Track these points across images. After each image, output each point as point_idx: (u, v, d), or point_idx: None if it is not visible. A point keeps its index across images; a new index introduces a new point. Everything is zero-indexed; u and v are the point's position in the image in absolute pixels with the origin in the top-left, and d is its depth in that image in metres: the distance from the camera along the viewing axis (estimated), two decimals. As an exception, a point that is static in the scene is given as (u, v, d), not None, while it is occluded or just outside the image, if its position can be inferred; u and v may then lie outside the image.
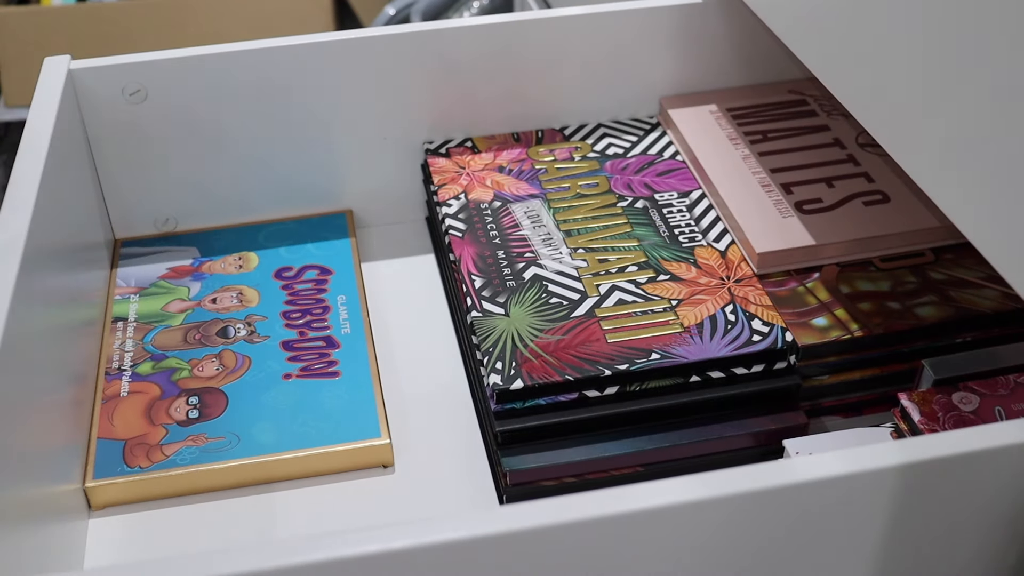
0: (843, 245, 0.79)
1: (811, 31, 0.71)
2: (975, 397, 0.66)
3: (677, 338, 0.72)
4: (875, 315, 0.75)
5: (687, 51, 0.96)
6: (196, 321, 0.83)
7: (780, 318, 0.74)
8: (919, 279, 0.78)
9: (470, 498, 0.71)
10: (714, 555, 0.52)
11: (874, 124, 0.64)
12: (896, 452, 0.50)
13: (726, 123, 0.93)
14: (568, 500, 0.49)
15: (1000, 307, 0.75)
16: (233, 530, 0.70)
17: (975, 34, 0.53)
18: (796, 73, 0.98)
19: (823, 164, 0.87)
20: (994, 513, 0.54)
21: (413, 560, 0.47)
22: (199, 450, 0.73)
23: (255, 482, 0.72)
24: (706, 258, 0.79)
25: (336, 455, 0.73)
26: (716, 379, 0.72)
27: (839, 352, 0.74)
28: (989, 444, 0.51)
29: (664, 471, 0.68)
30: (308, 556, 0.46)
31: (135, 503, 0.72)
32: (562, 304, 0.75)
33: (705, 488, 0.49)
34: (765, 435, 0.71)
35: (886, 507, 0.51)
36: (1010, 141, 0.51)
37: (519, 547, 0.48)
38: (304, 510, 0.71)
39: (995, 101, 0.52)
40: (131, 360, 0.79)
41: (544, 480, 0.70)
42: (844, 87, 0.67)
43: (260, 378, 0.78)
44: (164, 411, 0.75)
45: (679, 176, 0.88)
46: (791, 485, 0.49)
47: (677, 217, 0.83)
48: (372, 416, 0.75)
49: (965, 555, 0.55)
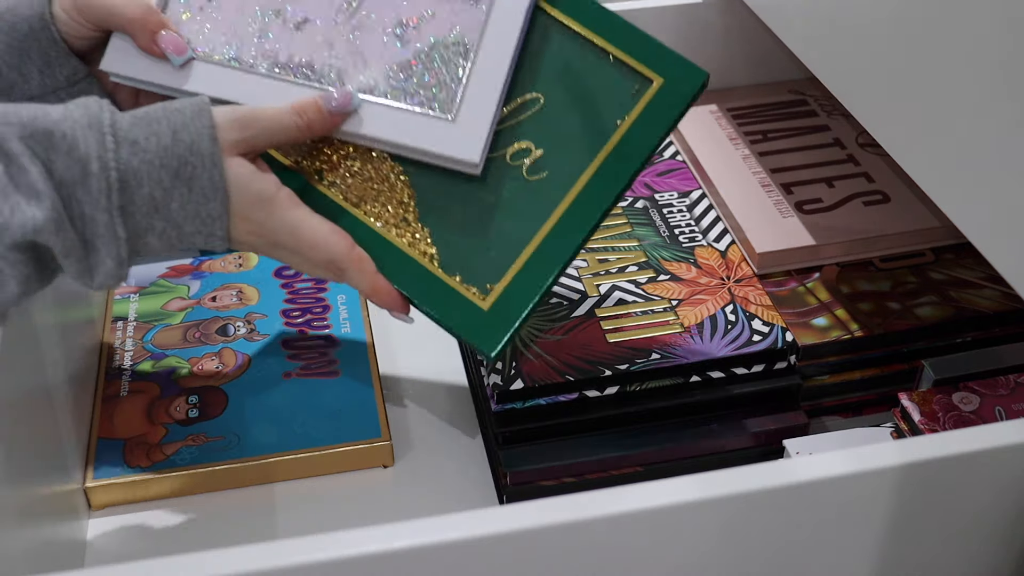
0: (843, 245, 0.79)
1: (811, 31, 0.71)
2: (975, 397, 0.66)
3: (677, 338, 0.72)
4: (875, 315, 0.75)
5: (687, 51, 0.95)
6: (196, 319, 0.83)
7: (780, 318, 0.74)
8: (919, 279, 0.78)
9: (470, 498, 0.71)
10: (714, 555, 0.52)
11: (874, 124, 0.64)
12: (896, 452, 0.50)
13: (726, 123, 0.93)
14: (568, 500, 0.49)
15: (1000, 307, 0.75)
16: (233, 530, 0.70)
17: (975, 35, 0.53)
18: (796, 73, 0.98)
19: (823, 164, 0.87)
20: (994, 513, 0.54)
21: (413, 560, 0.47)
22: (199, 450, 0.73)
23: (255, 482, 0.72)
24: (706, 258, 0.79)
25: (336, 455, 0.73)
26: (716, 379, 0.72)
27: (839, 352, 0.74)
28: (989, 444, 0.51)
29: (664, 471, 0.68)
30: (308, 556, 0.46)
31: (135, 503, 0.72)
32: (562, 304, 0.75)
33: (705, 488, 0.49)
34: (765, 435, 0.71)
35: (886, 507, 0.51)
36: (1010, 141, 0.51)
37: (519, 547, 0.48)
38: (304, 510, 0.71)
39: (995, 102, 0.52)
40: (131, 359, 0.79)
41: (544, 480, 0.70)
42: (844, 87, 0.67)
43: (260, 377, 0.78)
44: (164, 410, 0.75)
45: (679, 176, 0.88)
46: (791, 485, 0.49)
47: (677, 217, 0.83)
48: (372, 416, 0.75)
49: (965, 555, 0.55)
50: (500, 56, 0.64)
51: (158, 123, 0.56)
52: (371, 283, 0.63)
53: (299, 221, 0.60)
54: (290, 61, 0.64)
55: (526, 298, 0.63)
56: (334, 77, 0.64)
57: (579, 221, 0.63)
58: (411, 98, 0.64)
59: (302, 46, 0.65)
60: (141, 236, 0.56)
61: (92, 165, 0.53)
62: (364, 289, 0.63)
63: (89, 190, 0.53)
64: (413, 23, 0.65)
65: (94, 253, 0.54)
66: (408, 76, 0.64)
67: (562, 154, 0.64)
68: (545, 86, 0.66)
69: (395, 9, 0.65)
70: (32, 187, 0.52)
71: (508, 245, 0.64)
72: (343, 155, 0.65)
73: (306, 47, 0.65)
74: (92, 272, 0.55)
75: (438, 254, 0.64)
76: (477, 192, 0.65)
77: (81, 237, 0.54)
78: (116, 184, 0.54)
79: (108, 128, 0.54)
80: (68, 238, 0.53)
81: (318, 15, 0.65)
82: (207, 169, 0.56)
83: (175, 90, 0.64)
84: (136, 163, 0.54)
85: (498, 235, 0.64)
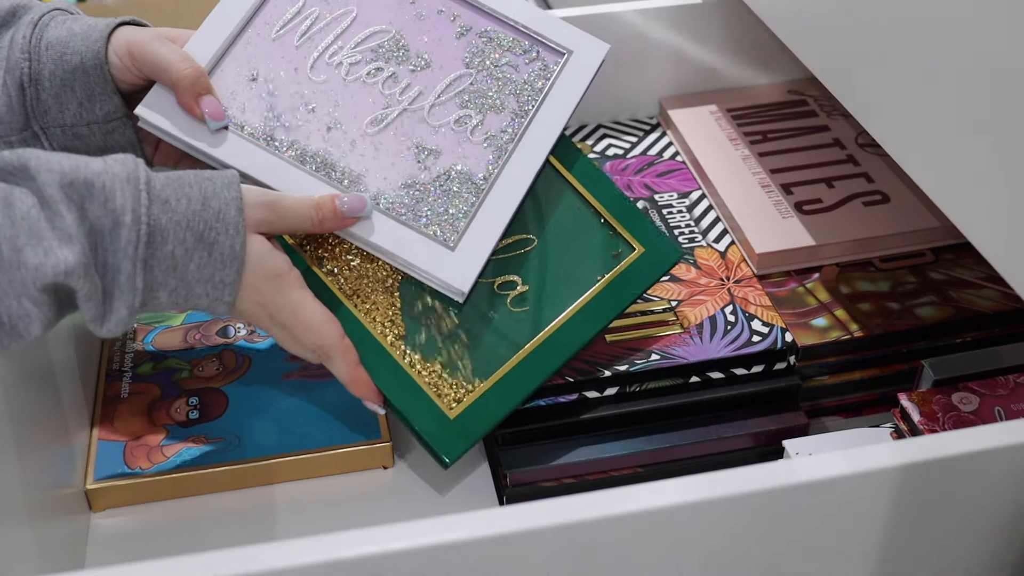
0: (843, 245, 0.79)
1: (811, 31, 0.71)
2: (975, 397, 0.66)
3: (677, 339, 0.72)
4: (875, 315, 0.75)
5: (687, 51, 0.96)
6: (196, 321, 0.83)
7: (780, 318, 0.74)
8: (919, 279, 0.78)
9: (470, 499, 0.71)
10: (714, 555, 0.52)
11: (874, 124, 0.64)
12: (896, 452, 0.50)
13: (726, 123, 0.93)
14: (568, 501, 0.49)
15: (1000, 307, 0.75)
16: (233, 531, 0.70)
17: (974, 34, 0.53)
18: (796, 73, 0.98)
19: (823, 164, 0.87)
20: (994, 513, 0.54)
21: (413, 561, 0.47)
22: (199, 451, 0.73)
23: (255, 484, 0.72)
24: (706, 259, 0.79)
25: (337, 456, 0.73)
26: (716, 379, 0.72)
27: (839, 352, 0.74)
28: (989, 444, 0.51)
29: (664, 471, 0.68)
30: (308, 557, 0.46)
31: (136, 504, 0.72)
32: (562, 305, 0.75)
33: (705, 489, 0.49)
34: (765, 435, 0.71)
35: (886, 507, 0.51)
36: (1010, 141, 0.51)
37: (519, 547, 0.48)
38: (304, 511, 0.71)
39: (995, 101, 0.52)
40: (132, 361, 0.79)
41: (544, 481, 0.70)
42: (844, 87, 0.67)
43: (260, 378, 0.78)
44: (165, 412, 0.75)
45: (679, 177, 0.88)
46: (791, 485, 0.49)
47: (677, 218, 0.83)
48: (372, 417, 0.75)
49: (965, 555, 0.55)
50: (508, 200, 0.69)
51: (190, 187, 0.58)
52: (353, 374, 0.65)
53: (301, 302, 0.63)
54: (315, 155, 0.68)
55: (491, 416, 0.66)
56: (350, 181, 0.67)
57: (548, 359, 0.68)
58: (419, 219, 0.67)
59: (329, 144, 0.68)
60: (154, 290, 0.57)
61: (126, 217, 0.55)
62: (344, 378, 0.65)
63: (118, 240, 0.55)
64: (436, 148, 0.69)
65: (110, 300, 0.56)
66: (421, 198, 0.68)
67: (545, 295, 0.70)
68: (540, 230, 0.71)
69: (422, 133, 0.69)
70: (65, 231, 0.54)
71: (483, 364, 0.67)
72: (345, 248, 0.68)
73: (333, 148, 0.68)
74: (105, 318, 0.57)
75: (417, 359, 0.67)
76: (464, 310, 0.69)
77: (102, 284, 0.56)
78: (144, 237, 0.56)
79: (144, 185, 0.56)
80: (93, 283, 0.55)
81: (351, 124, 0.69)
82: (230, 237, 0.58)
83: (202, 152, 0.66)
84: (165, 221, 0.57)
85: (475, 353, 0.68)
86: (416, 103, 0.70)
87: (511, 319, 0.69)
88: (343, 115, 0.69)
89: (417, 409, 0.66)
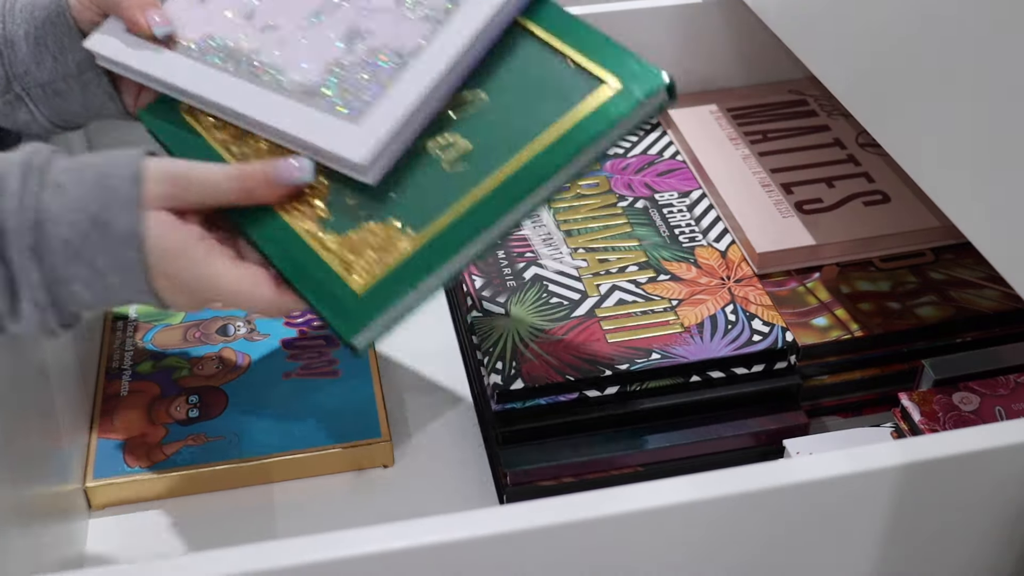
0: (843, 245, 0.79)
1: (811, 31, 0.71)
2: (975, 397, 0.66)
3: (677, 338, 0.72)
4: (875, 315, 0.75)
5: (687, 51, 0.96)
6: (196, 319, 0.83)
7: (780, 318, 0.74)
8: (919, 279, 0.78)
9: (470, 498, 0.71)
10: (714, 555, 0.52)
11: (874, 124, 0.64)
12: (896, 452, 0.50)
13: (726, 123, 0.93)
14: (568, 500, 0.49)
15: (1000, 307, 0.75)
16: (233, 530, 0.70)
17: (974, 35, 0.53)
18: (796, 73, 0.98)
19: (823, 164, 0.87)
20: (994, 513, 0.54)
21: (413, 560, 0.47)
22: (199, 449, 0.73)
23: (255, 482, 0.72)
24: (706, 258, 0.79)
25: (336, 455, 0.73)
26: (716, 379, 0.72)
27: (839, 352, 0.74)
28: (989, 444, 0.51)
29: (664, 471, 0.68)
30: (308, 556, 0.46)
31: (135, 503, 0.72)
32: (562, 304, 0.75)
33: (705, 488, 0.49)
34: (765, 435, 0.71)
35: (886, 507, 0.51)
36: (1010, 141, 0.51)
37: (519, 547, 0.48)
38: (304, 510, 0.71)
39: (995, 101, 0.52)
40: (131, 359, 0.79)
41: (544, 480, 0.70)
42: (844, 87, 0.67)
43: (260, 377, 0.78)
44: (164, 410, 0.75)
45: (679, 176, 0.88)
46: (791, 485, 0.49)
47: (677, 217, 0.83)
48: (372, 416, 0.75)
49: (965, 555, 0.55)
50: (431, 67, 0.62)
51: (90, 168, 0.55)
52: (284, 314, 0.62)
53: (222, 273, 0.58)
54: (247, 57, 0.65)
55: (405, 286, 0.57)
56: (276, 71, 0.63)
57: (489, 213, 0.58)
58: (326, 99, 0.62)
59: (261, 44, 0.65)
60: (63, 283, 0.54)
61: (11, 203, 0.53)
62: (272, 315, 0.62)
63: (8, 231, 0.53)
64: (369, 30, 0.64)
65: (15, 298, 0.54)
66: (344, 79, 0.62)
67: (492, 151, 0.60)
68: (494, 86, 0.63)
69: (357, 19, 0.65)
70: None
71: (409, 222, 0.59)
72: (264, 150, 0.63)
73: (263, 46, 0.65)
74: (17, 316, 0.54)
75: (328, 236, 0.60)
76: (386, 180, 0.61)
77: (7, 278, 0.54)
78: (29, 223, 0.53)
79: (37, 171, 0.54)
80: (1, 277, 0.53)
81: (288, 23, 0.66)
82: (124, 214, 0.55)
83: (151, 78, 0.65)
84: (56, 207, 0.54)
85: (398, 216, 0.60)
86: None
87: (443, 179, 0.60)
88: (281, 18, 0.66)
89: (321, 291, 0.58)
